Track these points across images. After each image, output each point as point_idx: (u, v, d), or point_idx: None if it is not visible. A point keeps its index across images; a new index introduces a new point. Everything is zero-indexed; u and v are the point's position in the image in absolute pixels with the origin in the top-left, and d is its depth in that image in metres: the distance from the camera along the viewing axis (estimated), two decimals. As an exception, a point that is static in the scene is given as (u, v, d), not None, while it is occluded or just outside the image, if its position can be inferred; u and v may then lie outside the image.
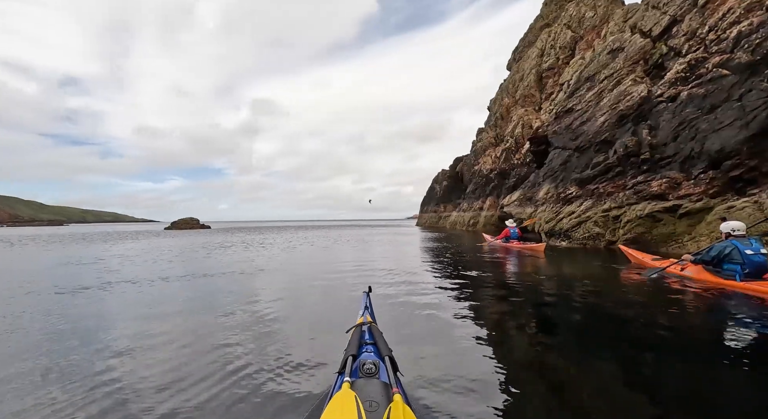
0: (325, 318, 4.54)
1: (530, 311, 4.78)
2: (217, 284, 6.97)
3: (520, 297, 5.62)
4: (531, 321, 4.33)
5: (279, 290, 6.33)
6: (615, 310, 4.69)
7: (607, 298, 5.37)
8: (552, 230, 13.85)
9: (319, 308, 5.05)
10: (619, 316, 4.41)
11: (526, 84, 32.42)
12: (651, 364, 2.94)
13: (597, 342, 3.60)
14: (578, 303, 5.09)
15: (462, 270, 8.36)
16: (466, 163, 40.82)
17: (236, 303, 5.29)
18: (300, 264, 9.95)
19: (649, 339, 3.56)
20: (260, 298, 5.66)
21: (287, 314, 4.69)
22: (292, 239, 22.70)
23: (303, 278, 7.66)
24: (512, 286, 6.52)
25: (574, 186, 13.85)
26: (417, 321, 4.27)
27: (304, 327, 4.14)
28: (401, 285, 6.45)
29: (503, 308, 5.01)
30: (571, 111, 18.13)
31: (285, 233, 33.18)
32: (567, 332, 3.96)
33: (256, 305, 5.14)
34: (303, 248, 14.92)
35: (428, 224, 48.68)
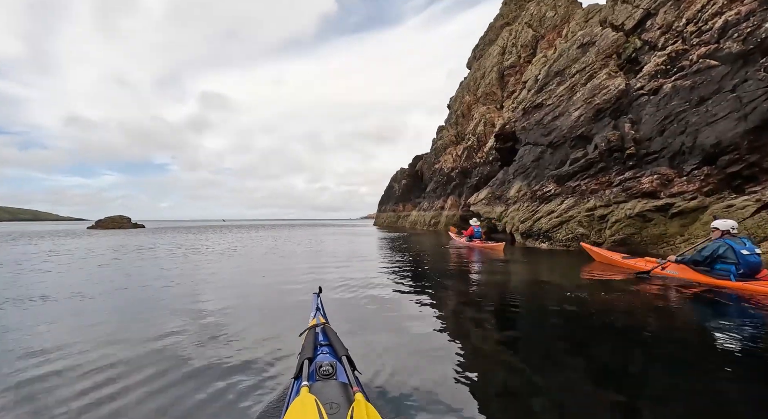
0: (272, 324, 4.14)
1: (488, 309, 4.71)
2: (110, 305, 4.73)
3: (478, 296, 5.56)
4: (488, 317, 4.32)
5: (215, 302, 5.29)
6: (582, 309, 4.48)
7: (577, 297, 5.08)
8: (529, 231, 12.79)
9: (264, 316, 4.52)
10: (586, 315, 4.21)
11: (488, 82, 32.04)
12: (629, 365, 2.84)
13: (559, 339, 3.53)
14: (539, 302, 4.99)
15: (420, 270, 8.10)
16: (426, 161, 39.90)
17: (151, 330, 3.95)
18: (239, 275, 7.73)
19: (629, 340, 3.42)
20: (191, 315, 4.59)
21: (229, 322, 4.17)
22: (238, 240, 19.95)
23: (241, 291, 5.61)
24: (471, 285, 6.47)
25: (551, 183, 12.91)
26: (373, 319, 4.16)
27: (250, 335, 3.73)
28: (356, 285, 6.12)
29: (461, 305, 4.95)
30: (541, 106, 17.41)
31: (231, 233, 29.86)
32: (526, 330, 3.89)
33: (182, 327, 4.05)
34: (247, 251, 12.58)
35: (387, 223, 47.25)
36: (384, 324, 3.97)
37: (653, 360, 2.94)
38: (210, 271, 8.20)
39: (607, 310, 4.41)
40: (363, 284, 6.21)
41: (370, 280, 6.69)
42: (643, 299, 4.99)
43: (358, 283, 6.37)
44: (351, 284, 6.25)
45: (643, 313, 4.32)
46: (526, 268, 8.35)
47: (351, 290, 5.83)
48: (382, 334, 3.63)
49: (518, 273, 7.60)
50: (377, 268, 8.32)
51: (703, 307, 4.73)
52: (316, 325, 2.52)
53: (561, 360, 3.01)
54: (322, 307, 3.12)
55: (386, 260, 9.80)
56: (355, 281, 6.60)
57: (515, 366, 2.89)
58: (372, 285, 6.19)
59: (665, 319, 4.10)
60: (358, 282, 6.43)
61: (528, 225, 13.01)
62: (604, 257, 8.22)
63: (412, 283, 6.40)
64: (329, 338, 2.28)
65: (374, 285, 6.20)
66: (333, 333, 2.33)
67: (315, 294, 3.33)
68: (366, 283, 6.37)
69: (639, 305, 4.67)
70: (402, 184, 45.13)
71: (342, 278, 6.87)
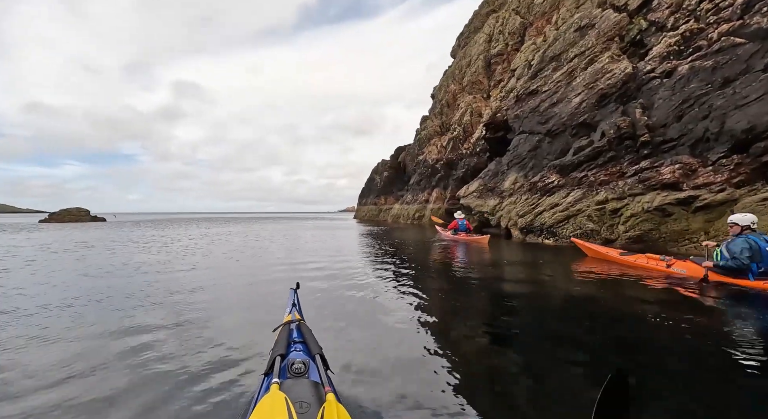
0: (246, 318, 4.13)
1: (470, 307, 4.62)
2: None
3: (462, 293, 5.42)
4: (470, 316, 4.23)
5: (190, 295, 5.26)
6: (571, 308, 4.37)
7: (568, 295, 4.93)
8: (530, 226, 11.75)
9: (239, 310, 4.45)
10: (578, 315, 4.08)
11: (474, 70, 30.94)
12: None
13: (547, 338, 3.43)
14: (526, 299, 4.87)
15: (403, 266, 7.84)
16: (409, 153, 38.63)
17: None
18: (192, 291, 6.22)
19: (633, 346, 3.18)
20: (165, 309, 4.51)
21: (202, 316, 4.13)
22: (204, 236, 18.07)
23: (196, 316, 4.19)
24: (455, 281, 6.29)
25: (554, 174, 11.88)
26: (351, 317, 4.08)
27: (221, 328, 3.72)
28: (337, 286, 5.85)
29: (443, 304, 4.79)
30: (536, 93, 16.37)
31: (199, 228, 27.62)
32: (509, 328, 3.75)
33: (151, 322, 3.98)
34: (211, 249, 10.95)
35: (368, 217, 45.84)
36: (362, 323, 3.89)
37: (660, 367, 2.69)
38: (152, 278, 6.58)
39: (605, 311, 4.12)
40: (344, 285, 5.85)
41: (351, 278, 6.33)
42: (648, 300, 4.60)
43: (340, 284, 5.94)
44: (332, 286, 5.80)
45: (646, 314, 3.97)
46: (517, 264, 7.92)
47: (331, 291, 5.46)
48: (359, 333, 3.55)
49: (506, 269, 7.18)
50: (359, 266, 7.85)
51: (719, 309, 4.30)
52: (291, 321, 2.46)
53: (546, 359, 2.91)
54: (299, 303, 3.02)
55: (369, 257, 9.23)
56: (336, 279, 6.28)
57: (498, 366, 2.85)
58: (353, 283, 5.89)
59: (675, 322, 3.68)
60: (339, 283, 6.00)
61: (528, 220, 11.96)
62: (599, 253, 7.65)
63: (393, 280, 6.20)
64: (304, 335, 2.22)
65: (355, 283, 5.88)
66: (308, 331, 2.28)
67: (292, 290, 3.23)
68: (348, 283, 5.94)
69: (642, 306, 4.30)
70: (384, 176, 43.74)
71: (321, 276, 6.45)
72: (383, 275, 6.64)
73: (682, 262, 5.92)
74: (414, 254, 9.73)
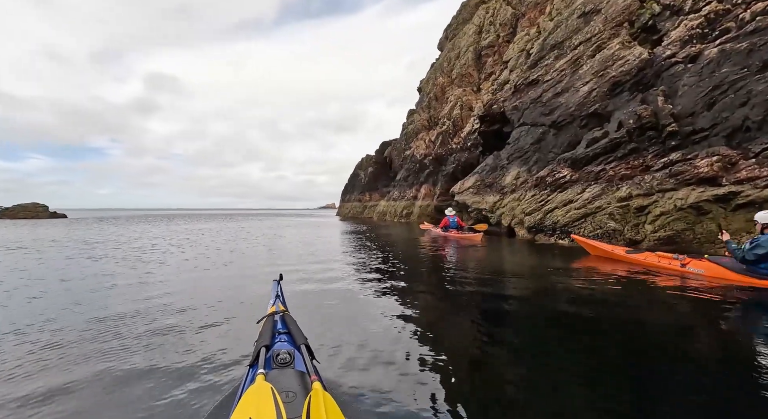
0: (229, 310, 4.13)
1: (460, 302, 4.60)
2: None
3: (451, 287, 5.34)
4: (460, 310, 4.22)
5: (174, 283, 5.50)
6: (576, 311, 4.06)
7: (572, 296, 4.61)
8: (539, 225, 10.71)
9: (222, 300, 4.51)
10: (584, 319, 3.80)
11: (463, 62, 29.94)
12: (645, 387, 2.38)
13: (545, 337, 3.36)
14: (519, 297, 4.69)
15: (392, 264, 7.61)
16: (395, 148, 37.36)
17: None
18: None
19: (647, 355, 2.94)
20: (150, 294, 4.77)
21: (184, 307, 4.22)
22: (171, 234, 16.23)
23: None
24: (443, 276, 6.21)
25: (565, 168, 10.88)
26: (334, 309, 4.09)
27: (203, 320, 3.75)
28: (318, 275, 5.92)
29: (432, 299, 4.79)
30: (536, 83, 15.40)
31: (173, 224, 25.41)
32: (500, 327, 3.71)
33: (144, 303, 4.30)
34: (174, 252, 9.37)
35: (352, 214, 44.36)
36: (347, 315, 3.86)
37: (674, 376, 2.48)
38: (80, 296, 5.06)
39: (615, 316, 3.85)
40: (328, 274, 5.81)
41: (337, 280, 5.90)
42: (665, 302, 4.37)
43: (326, 286, 5.53)
44: (317, 288, 5.42)
45: (664, 319, 3.79)
46: (517, 264, 7.58)
47: (314, 278, 5.52)
48: (345, 325, 3.54)
49: (503, 269, 6.84)
50: (345, 266, 7.39)
51: (741, 312, 4.09)
52: (275, 312, 2.47)
53: (539, 358, 2.85)
54: (282, 294, 3.01)
55: (355, 256, 8.82)
56: (320, 273, 6.12)
57: (485, 362, 2.83)
58: (339, 285, 5.58)
59: (699, 328, 3.53)
60: (323, 274, 5.93)
61: (537, 218, 10.92)
62: (603, 251, 7.29)
63: (381, 276, 6.08)
64: (288, 326, 2.23)
65: (341, 284, 5.58)
66: (292, 321, 2.28)
67: (275, 281, 3.21)
68: (334, 286, 5.53)
69: (659, 310, 4.08)
70: (368, 172, 42.34)
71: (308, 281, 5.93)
72: (370, 275, 6.28)
73: (698, 261, 5.56)
74: (403, 253, 9.40)
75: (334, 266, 7.28)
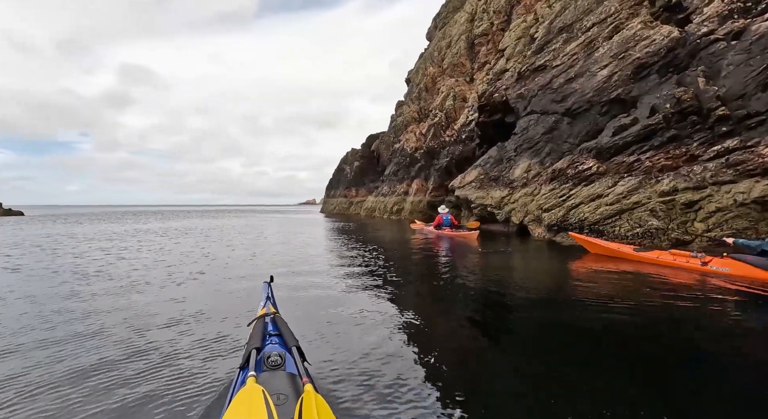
0: (219, 312, 3.99)
1: (456, 305, 4.45)
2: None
3: (446, 290, 5.18)
4: (455, 314, 4.11)
5: (167, 289, 5.10)
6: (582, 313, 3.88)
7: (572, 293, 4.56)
8: (562, 223, 9.57)
9: (210, 305, 4.30)
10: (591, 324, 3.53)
11: (455, 52, 28.69)
12: None
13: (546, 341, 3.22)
14: (523, 300, 4.46)
15: (384, 263, 7.33)
16: (383, 141, 35.88)
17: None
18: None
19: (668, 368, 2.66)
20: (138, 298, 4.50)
21: (172, 310, 4.07)
22: (127, 237, 14.32)
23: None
24: (436, 275, 6.20)
25: (589, 159, 9.76)
26: (325, 311, 4.00)
27: (193, 322, 3.64)
28: (306, 277, 5.76)
29: (425, 301, 4.72)
30: (544, 69, 14.28)
31: (140, 222, 23.07)
32: (496, 327, 3.69)
33: None
34: (127, 257, 7.68)
35: (337, 210, 42.69)
36: (338, 317, 3.78)
37: None
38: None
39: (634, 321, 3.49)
40: (318, 277, 5.66)
41: (329, 287, 5.35)
42: (691, 306, 3.94)
43: (311, 276, 5.78)
44: (303, 276, 5.69)
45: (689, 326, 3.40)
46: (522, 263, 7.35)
47: (303, 280, 5.39)
48: (337, 328, 3.47)
49: (503, 267, 6.72)
50: (336, 267, 6.97)
51: None
52: (266, 314, 2.41)
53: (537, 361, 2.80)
54: (273, 296, 2.94)
55: (345, 257, 8.30)
56: (307, 275, 5.95)
57: (480, 365, 2.81)
58: (328, 277, 5.68)
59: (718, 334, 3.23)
60: (311, 276, 5.83)
61: (558, 214, 9.78)
62: (608, 249, 6.92)
63: (372, 275, 5.99)
64: (279, 328, 2.21)
65: (332, 289, 5.17)
66: (283, 323, 2.26)
67: (266, 283, 3.12)
68: (325, 292, 5.05)
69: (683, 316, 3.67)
70: (354, 166, 40.72)
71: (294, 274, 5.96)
72: (363, 278, 5.94)
73: (720, 259, 5.25)
74: (396, 253, 9.13)
75: (324, 267, 6.84)
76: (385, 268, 6.67)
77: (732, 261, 5.13)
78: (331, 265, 7.15)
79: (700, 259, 5.39)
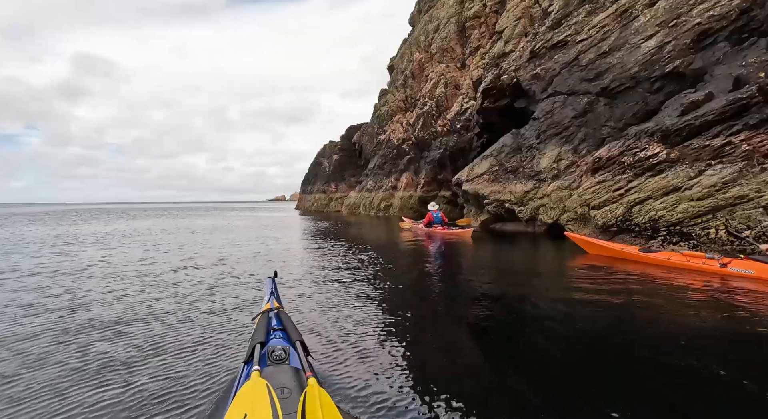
0: (224, 308, 4.03)
1: (446, 298, 4.61)
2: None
3: (439, 287, 5.31)
4: (444, 307, 4.16)
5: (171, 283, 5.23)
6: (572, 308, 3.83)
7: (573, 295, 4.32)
8: (623, 223, 7.73)
9: (215, 300, 4.34)
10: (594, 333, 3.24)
11: (444, 36, 26.69)
12: None
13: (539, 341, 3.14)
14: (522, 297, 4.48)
15: (376, 259, 7.38)
16: (366, 132, 33.42)
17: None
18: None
19: None
20: None
21: (177, 307, 4.09)
22: (43, 241, 11.22)
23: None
24: (431, 274, 6.18)
25: (654, 144, 7.95)
26: (328, 308, 4.00)
27: (198, 317, 3.69)
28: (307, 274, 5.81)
29: (419, 295, 4.81)
30: (565, 45, 12.49)
31: (76, 225, 19.26)
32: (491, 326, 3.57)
33: None
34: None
35: (315, 207, 39.81)
36: (344, 316, 3.71)
37: None
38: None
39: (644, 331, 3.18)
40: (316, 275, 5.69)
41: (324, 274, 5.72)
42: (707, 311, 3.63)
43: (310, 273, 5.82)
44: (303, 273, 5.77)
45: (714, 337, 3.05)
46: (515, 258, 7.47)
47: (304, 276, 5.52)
48: (340, 325, 3.45)
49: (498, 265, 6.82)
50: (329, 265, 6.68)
51: None
52: (269, 309, 2.45)
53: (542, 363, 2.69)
54: (277, 291, 2.97)
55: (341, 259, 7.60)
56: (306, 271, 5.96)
57: (481, 367, 2.74)
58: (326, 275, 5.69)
59: None
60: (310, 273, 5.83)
61: (616, 212, 7.95)
62: (612, 250, 6.53)
63: (370, 273, 5.88)
64: (283, 323, 2.23)
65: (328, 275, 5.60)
66: (287, 318, 2.29)
67: (270, 279, 3.16)
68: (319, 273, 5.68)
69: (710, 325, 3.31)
70: (334, 160, 38.04)
71: None
72: (358, 268, 6.07)
73: (741, 261, 4.92)
74: (388, 250, 9.07)
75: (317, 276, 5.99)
76: (386, 267, 6.56)
77: (754, 263, 4.78)
78: (324, 275, 6.22)
79: (718, 260, 5.07)
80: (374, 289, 4.86)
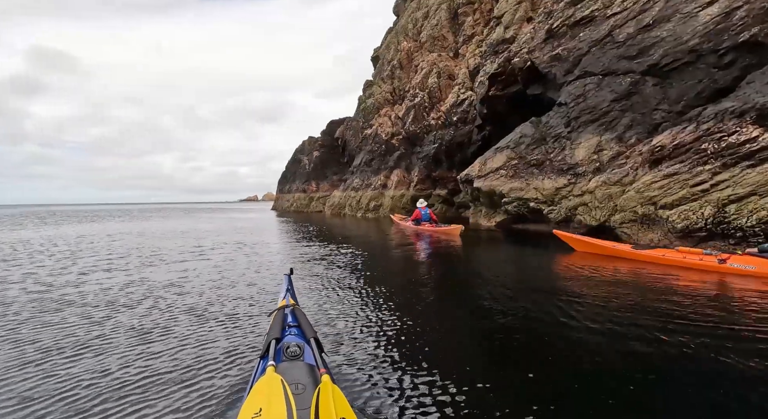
0: (242, 303, 4.07)
1: (451, 295, 4.67)
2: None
3: (441, 287, 5.28)
4: (452, 303, 4.26)
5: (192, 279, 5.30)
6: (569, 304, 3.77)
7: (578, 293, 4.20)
8: (717, 226, 6.11)
9: (234, 295, 4.42)
10: None
11: (435, 23, 24.93)
12: None
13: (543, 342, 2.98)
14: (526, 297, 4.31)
15: (372, 259, 7.50)
16: (350, 127, 31.18)
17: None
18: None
19: None
20: None
21: (196, 301, 4.17)
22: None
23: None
24: (428, 273, 6.27)
25: (746, 125, 6.38)
26: (341, 303, 4.08)
27: (216, 315, 3.66)
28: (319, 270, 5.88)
29: (424, 294, 4.77)
30: (591, 20, 10.94)
31: (7, 230, 15.93)
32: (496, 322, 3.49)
33: None
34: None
35: (294, 208, 37.12)
36: (353, 311, 3.78)
37: None
38: None
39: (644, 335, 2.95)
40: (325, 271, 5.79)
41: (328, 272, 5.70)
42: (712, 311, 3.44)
43: None
44: None
45: None
46: None
47: None
48: (352, 319, 3.50)
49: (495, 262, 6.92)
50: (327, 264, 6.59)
51: None
52: (285, 306, 2.48)
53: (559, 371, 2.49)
54: (293, 288, 3.00)
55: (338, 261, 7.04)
56: None
57: (493, 366, 2.70)
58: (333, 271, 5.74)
59: None
60: None
61: (702, 212, 6.31)
62: (603, 248, 6.34)
63: (370, 273, 5.89)
64: (298, 319, 2.25)
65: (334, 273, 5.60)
66: (302, 315, 2.32)
67: (286, 276, 3.18)
68: None
69: None
70: (314, 157, 35.55)
71: None
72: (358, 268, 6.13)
73: (740, 257, 4.76)
74: (382, 249, 9.11)
75: None
76: (383, 267, 6.55)
77: (755, 258, 4.66)
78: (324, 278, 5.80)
79: (716, 256, 4.96)
80: (377, 291, 4.78)
